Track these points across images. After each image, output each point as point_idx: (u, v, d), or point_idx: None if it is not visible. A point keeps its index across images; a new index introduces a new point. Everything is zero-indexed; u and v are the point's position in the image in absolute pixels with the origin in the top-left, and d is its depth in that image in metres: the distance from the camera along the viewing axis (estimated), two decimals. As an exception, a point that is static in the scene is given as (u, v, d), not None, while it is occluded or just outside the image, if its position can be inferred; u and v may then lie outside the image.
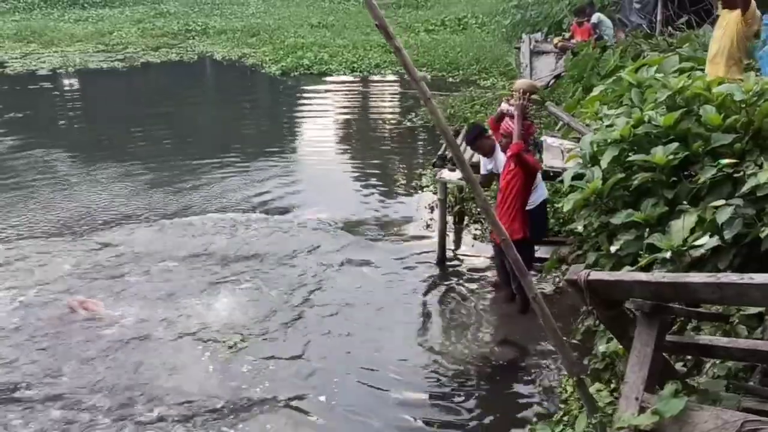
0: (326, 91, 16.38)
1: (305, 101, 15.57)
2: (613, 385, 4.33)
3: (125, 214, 8.83)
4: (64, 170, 10.66)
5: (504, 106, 6.28)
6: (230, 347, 5.86)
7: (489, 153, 6.55)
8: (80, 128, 14.03)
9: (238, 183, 10.02)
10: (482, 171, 6.74)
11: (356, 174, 10.57)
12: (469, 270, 7.32)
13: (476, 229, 8.17)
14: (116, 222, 8.56)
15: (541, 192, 6.48)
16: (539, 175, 6.51)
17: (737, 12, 6.41)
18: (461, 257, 7.64)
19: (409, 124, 12.97)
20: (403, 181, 10.08)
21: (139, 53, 20.14)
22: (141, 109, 14.92)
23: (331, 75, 17.58)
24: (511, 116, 6.00)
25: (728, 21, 6.52)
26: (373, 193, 9.61)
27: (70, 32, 22.44)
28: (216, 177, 10.25)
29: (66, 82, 17.66)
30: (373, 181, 10.17)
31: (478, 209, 8.09)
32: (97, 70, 18.38)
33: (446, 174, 7.13)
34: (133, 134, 12.89)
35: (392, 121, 13.56)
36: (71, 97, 16.65)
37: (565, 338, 3.43)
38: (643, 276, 2.71)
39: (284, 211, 8.96)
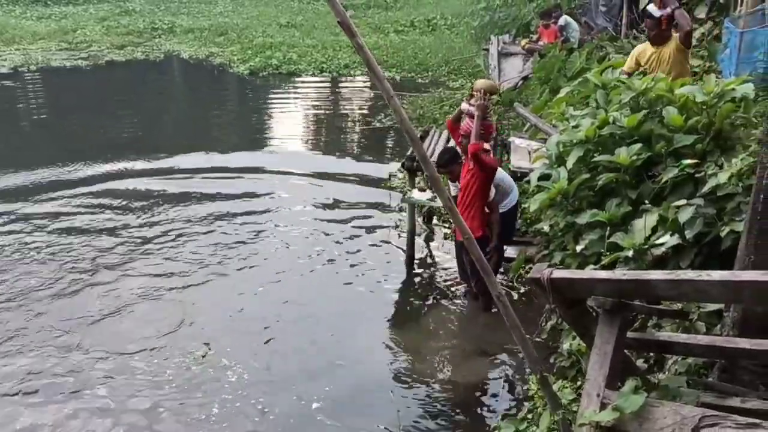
0: (295, 91, 16.30)
1: (273, 101, 15.46)
2: (579, 383, 4.36)
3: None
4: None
5: (464, 105, 6.23)
6: (203, 356, 5.76)
7: (457, 178, 6.44)
8: (38, 126, 13.75)
9: (202, 183, 9.92)
10: (452, 193, 6.68)
11: (324, 174, 10.50)
12: (438, 269, 7.34)
13: (445, 228, 8.19)
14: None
15: (513, 196, 6.49)
16: (511, 180, 6.53)
17: (673, 44, 6.49)
18: (430, 256, 7.65)
19: (378, 124, 12.96)
20: (373, 181, 10.05)
21: (104, 51, 19.78)
22: (105, 108, 14.68)
23: (299, 75, 17.48)
24: (472, 116, 5.97)
25: (665, 54, 6.53)
26: (342, 193, 9.57)
27: (33, 30, 21.97)
28: (177, 178, 10.15)
29: (28, 80, 17.26)
30: (342, 181, 10.13)
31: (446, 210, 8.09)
32: (60, 69, 18.01)
33: (416, 194, 7.05)
34: (96, 132, 12.71)
35: (362, 122, 13.54)
36: (33, 94, 16.28)
37: (529, 336, 3.44)
38: (604, 274, 2.74)
39: (249, 207, 8.89)
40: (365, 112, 14.30)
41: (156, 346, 5.90)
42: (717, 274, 2.29)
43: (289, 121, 13.80)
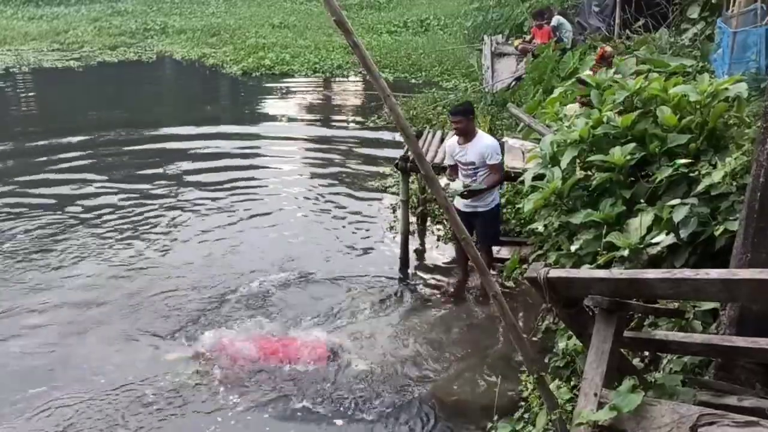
0: (288, 91, 16.27)
1: (266, 102, 15.42)
2: (573, 382, 4.36)
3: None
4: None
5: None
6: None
7: (469, 136, 6.34)
8: (29, 125, 13.69)
9: (195, 188, 9.90)
10: (446, 161, 6.61)
11: (318, 175, 10.50)
12: (432, 271, 7.32)
13: (439, 230, 8.18)
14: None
15: (496, 195, 6.51)
16: None
17: None
18: (424, 258, 7.64)
19: (371, 125, 12.95)
20: (367, 183, 10.03)
21: (96, 52, 19.72)
22: (97, 107, 14.63)
23: (293, 75, 17.46)
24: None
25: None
26: (335, 195, 9.55)
27: (24, 31, 21.90)
28: (172, 180, 10.12)
29: (19, 81, 17.19)
30: (335, 182, 10.11)
31: (441, 210, 8.08)
32: (52, 69, 17.94)
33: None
34: (86, 130, 12.66)
35: (355, 122, 13.52)
36: (24, 95, 16.21)
37: (524, 336, 3.44)
38: (601, 273, 2.73)
39: (243, 212, 8.88)
40: (359, 112, 14.28)
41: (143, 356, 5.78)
42: (715, 273, 2.29)
43: (282, 122, 13.77)
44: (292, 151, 11.84)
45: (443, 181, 6.35)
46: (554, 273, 2.76)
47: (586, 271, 3.04)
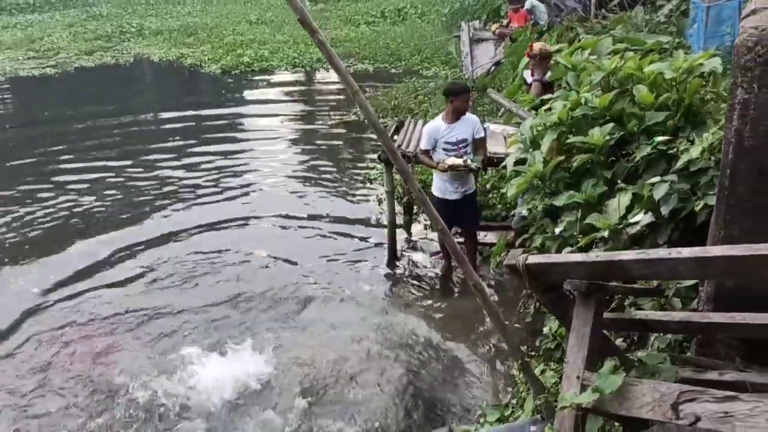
0: (269, 87, 16.19)
1: (247, 99, 15.35)
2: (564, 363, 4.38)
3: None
4: None
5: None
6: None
7: (461, 114, 6.38)
8: (8, 135, 13.60)
9: (180, 183, 9.86)
10: (424, 145, 6.50)
11: (303, 169, 10.47)
12: (419, 260, 7.34)
13: (425, 219, 8.18)
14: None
15: (472, 180, 6.56)
16: None
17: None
18: (411, 248, 7.65)
19: (354, 117, 12.92)
20: (351, 174, 10.02)
21: (72, 58, 19.52)
22: (76, 115, 14.50)
23: (272, 71, 17.38)
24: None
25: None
26: (320, 187, 9.55)
27: (-2, 40, 21.68)
28: (159, 182, 10.07)
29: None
30: (320, 175, 10.10)
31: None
32: (29, 78, 17.75)
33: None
34: (67, 138, 12.59)
35: (338, 115, 13.48)
36: (2, 105, 16.04)
37: (507, 322, 3.45)
38: (578, 257, 2.74)
39: (230, 208, 8.86)
40: (341, 104, 14.24)
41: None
42: (687, 251, 2.30)
43: (265, 117, 13.70)
44: (274, 146, 11.80)
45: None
46: (532, 259, 2.77)
47: (563, 256, 3.06)
